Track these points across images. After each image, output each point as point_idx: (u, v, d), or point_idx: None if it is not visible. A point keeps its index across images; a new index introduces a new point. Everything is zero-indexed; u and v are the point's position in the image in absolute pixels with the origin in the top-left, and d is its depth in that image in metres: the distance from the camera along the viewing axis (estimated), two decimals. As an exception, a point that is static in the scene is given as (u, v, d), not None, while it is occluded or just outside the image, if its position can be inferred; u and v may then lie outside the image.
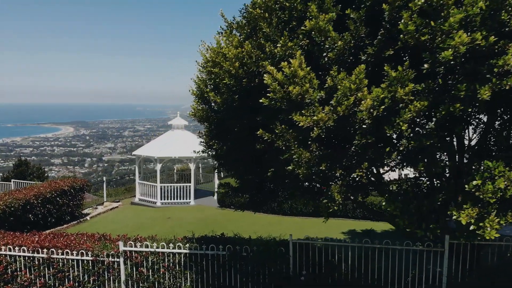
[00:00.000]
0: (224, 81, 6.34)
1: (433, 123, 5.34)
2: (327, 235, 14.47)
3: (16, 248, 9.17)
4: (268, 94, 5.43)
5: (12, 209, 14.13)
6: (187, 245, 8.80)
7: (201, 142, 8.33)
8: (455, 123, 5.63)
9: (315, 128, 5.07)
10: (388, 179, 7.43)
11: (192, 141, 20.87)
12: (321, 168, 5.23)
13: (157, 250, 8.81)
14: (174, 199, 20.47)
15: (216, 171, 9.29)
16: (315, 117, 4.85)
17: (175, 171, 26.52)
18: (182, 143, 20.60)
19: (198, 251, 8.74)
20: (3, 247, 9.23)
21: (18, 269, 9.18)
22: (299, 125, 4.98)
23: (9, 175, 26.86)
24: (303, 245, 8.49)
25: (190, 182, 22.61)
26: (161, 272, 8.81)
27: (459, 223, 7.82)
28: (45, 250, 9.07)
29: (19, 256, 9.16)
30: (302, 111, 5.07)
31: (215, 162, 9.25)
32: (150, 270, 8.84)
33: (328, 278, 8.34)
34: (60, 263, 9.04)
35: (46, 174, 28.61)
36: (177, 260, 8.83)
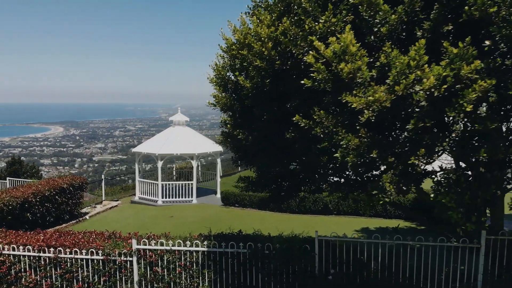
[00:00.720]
0: (256, 63, 5.87)
1: (489, 106, 4.92)
2: (339, 232, 14.06)
3: (21, 248, 8.60)
4: (312, 74, 4.98)
5: (10, 207, 13.52)
6: (205, 242, 8.30)
7: (223, 131, 7.84)
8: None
9: (365, 111, 4.62)
10: (424, 170, 7.01)
11: (194, 137, 20.38)
12: (371, 155, 4.77)
13: (173, 248, 8.30)
14: (175, 197, 19.91)
15: (234, 164, 8.75)
16: (370, 98, 4.39)
17: (174, 169, 25.93)
18: (184, 140, 20.07)
19: (217, 249, 8.24)
20: (6, 247, 8.66)
21: (22, 270, 8.61)
22: (352, 106, 4.53)
23: (2, 174, 26.12)
24: (330, 242, 8.03)
25: (190, 180, 22.08)
26: (177, 272, 8.30)
27: (494, 219, 7.43)
28: (51, 249, 8.51)
29: (24, 256, 8.59)
30: (354, 92, 4.61)
31: (233, 155, 8.77)
32: (165, 270, 8.33)
33: (357, 277, 7.89)
34: (68, 263, 8.49)
35: (40, 173, 27.86)
36: (194, 259, 8.33)
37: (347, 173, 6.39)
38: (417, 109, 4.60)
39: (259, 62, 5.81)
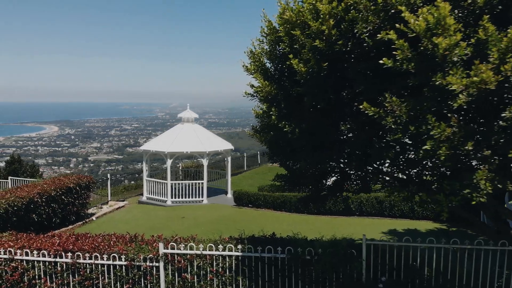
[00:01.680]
0: (315, 44, 5.19)
1: None
2: (366, 235, 13.44)
3: (35, 252, 7.90)
4: (395, 52, 4.32)
5: (15, 208, 12.80)
6: (239, 246, 7.62)
7: (263, 124, 7.17)
8: None
9: (460, 95, 3.96)
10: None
11: (203, 135, 19.71)
12: (466, 147, 4.11)
13: (204, 252, 7.62)
14: (185, 197, 19.22)
15: (270, 161, 8.06)
16: (476, 78, 3.73)
17: (180, 168, 25.23)
18: (194, 137, 19.38)
19: (252, 254, 7.57)
20: (18, 251, 7.95)
21: (36, 277, 7.91)
22: (451, 88, 3.86)
23: (1, 173, 25.37)
24: (379, 246, 7.37)
25: (196, 179, 21.43)
26: (208, 279, 7.62)
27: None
28: (69, 254, 7.82)
29: (38, 261, 7.89)
30: (450, 72, 3.94)
31: (268, 151, 8.10)
32: (195, 276, 7.64)
33: (408, 284, 7.24)
34: (88, 269, 7.79)
35: (40, 173, 27.10)
36: (227, 265, 7.65)
37: (416, 170, 5.72)
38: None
39: (318, 42, 5.14)
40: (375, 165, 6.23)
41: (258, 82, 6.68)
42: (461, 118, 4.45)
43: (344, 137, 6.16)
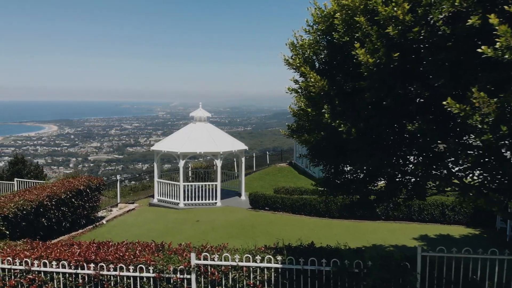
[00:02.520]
0: (387, 31, 4.58)
1: None
2: (395, 241, 12.84)
3: (54, 263, 7.29)
4: (497, 40, 3.71)
5: (24, 212, 12.20)
6: (278, 257, 7.01)
7: (300, 119, 6.57)
8: None
9: None
10: None
11: (216, 134, 19.11)
12: None
13: (240, 264, 7.01)
14: (198, 199, 18.61)
15: (312, 163, 7.45)
16: None
17: (190, 169, 24.61)
18: (207, 137, 18.77)
19: (293, 266, 6.95)
20: (35, 262, 7.35)
21: (56, 290, 7.31)
22: None
23: (4, 174, 24.75)
24: (435, 258, 6.75)
25: (208, 181, 20.85)
26: (245, 293, 7.02)
27: None
28: (91, 265, 7.21)
29: (58, 273, 7.29)
30: None
31: (308, 152, 7.51)
32: (231, 291, 7.04)
33: (467, 301, 6.63)
34: (112, 282, 7.19)
35: (44, 173, 26.49)
36: (265, 277, 7.04)
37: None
38: None
39: (391, 29, 4.54)
40: (444, 168, 5.61)
41: (308, 77, 6.03)
42: None
43: (407, 137, 5.55)
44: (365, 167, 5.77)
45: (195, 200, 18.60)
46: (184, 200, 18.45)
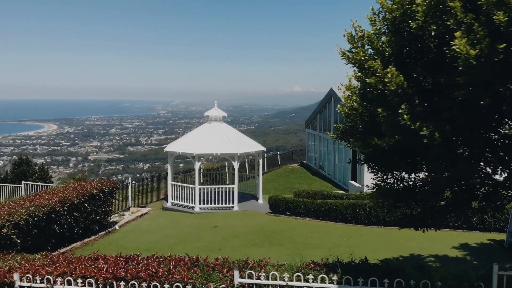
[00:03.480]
0: (497, 17, 3.89)
1: None
2: (435, 250, 12.11)
3: (79, 281, 6.61)
4: None
5: (35, 219, 11.54)
6: (334, 277, 6.31)
7: (353, 120, 5.85)
8: None
9: None
10: None
11: (233, 135, 18.44)
12: None
13: (289, 283, 6.30)
14: (214, 203, 17.93)
15: (371, 170, 6.73)
16: None
17: (202, 171, 23.91)
18: (223, 137, 18.08)
19: (351, 286, 6.25)
20: (58, 280, 6.67)
21: (81, 311, 6.63)
22: None
23: (7, 176, 24.10)
24: (514, 278, 6.04)
25: (220, 183, 20.19)
26: (296, 316, 6.32)
27: None
28: (122, 284, 6.52)
29: (84, 292, 6.61)
30: None
31: (364, 157, 6.82)
32: (279, 313, 6.34)
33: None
34: (145, 303, 6.50)
35: (50, 175, 25.83)
36: (319, 299, 6.34)
37: None
38: None
39: (501, 16, 3.85)
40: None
41: (379, 72, 5.32)
42: None
43: (499, 142, 4.85)
44: (450, 177, 5.04)
45: (210, 204, 17.93)
46: (200, 204, 17.77)
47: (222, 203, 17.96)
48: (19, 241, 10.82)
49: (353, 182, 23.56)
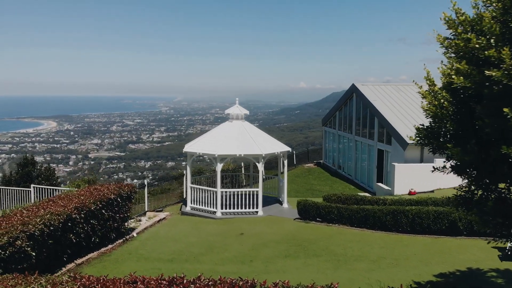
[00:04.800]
0: None
1: None
2: (495, 264, 11.07)
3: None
4: None
5: (51, 228, 10.62)
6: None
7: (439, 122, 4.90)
8: None
9: None
10: None
11: (256, 134, 17.51)
12: None
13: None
14: (236, 208, 17.00)
15: (464, 179, 5.75)
16: None
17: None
18: (246, 137, 17.14)
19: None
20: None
21: None
22: None
23: (12, 177, 23.19)
24: None
25: (236, 185, 19.24)
26: None
27: None
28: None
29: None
30: None
31: (455, 163, 5.87)
32: None
33: None
34: (198, 339, 5.57)
35: (56, 176, 24.92)
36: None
37: None
38: None
39: None
40: None
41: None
42: None
43: None
44: None
45: (233, 208, 17.00)
46: (222, 208, 16.85)
47: (245, 208, 17.04)
48: (34, 253, 9.89)
49: (380, 185, 22.58)
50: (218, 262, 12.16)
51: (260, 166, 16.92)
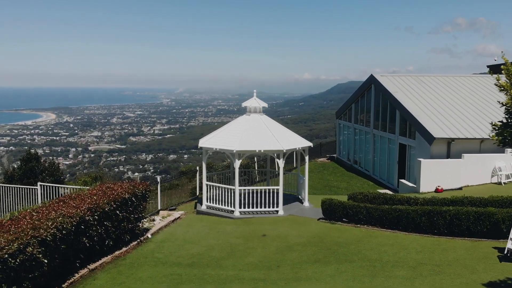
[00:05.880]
0: None
1: None
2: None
3: None
4: None
5: (64, 232, 9.88)
6: None
7: None
8: None
9: None
10: None
11: (276, 128, 16.74)
12: None
13: None
14: (255, 207, 16.25)
15: None
16: None
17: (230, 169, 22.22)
18: (266, 132, 16.35)
19: None
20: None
21: None
22: None
23: (15, 173, 22.43)
24: None
25: (249, 182, 18.45)
26: None
27: None
28: None
29: None
30: None
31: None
32: None
33: None
34: None
35: (61, 171, 24.15)
36: None
37: None
38: None
39: None
40: None
41: None
42: None
43: None
44: None
45: (251, 207, 16.24)
46: (240, 207, 16.09)
47: (264, 207, 16.28)
48: (46, 261, 9.16)
49: (404, 181, 21.75)
50: (242, 268, 11.41)
51: (281, 163, 16.14)
